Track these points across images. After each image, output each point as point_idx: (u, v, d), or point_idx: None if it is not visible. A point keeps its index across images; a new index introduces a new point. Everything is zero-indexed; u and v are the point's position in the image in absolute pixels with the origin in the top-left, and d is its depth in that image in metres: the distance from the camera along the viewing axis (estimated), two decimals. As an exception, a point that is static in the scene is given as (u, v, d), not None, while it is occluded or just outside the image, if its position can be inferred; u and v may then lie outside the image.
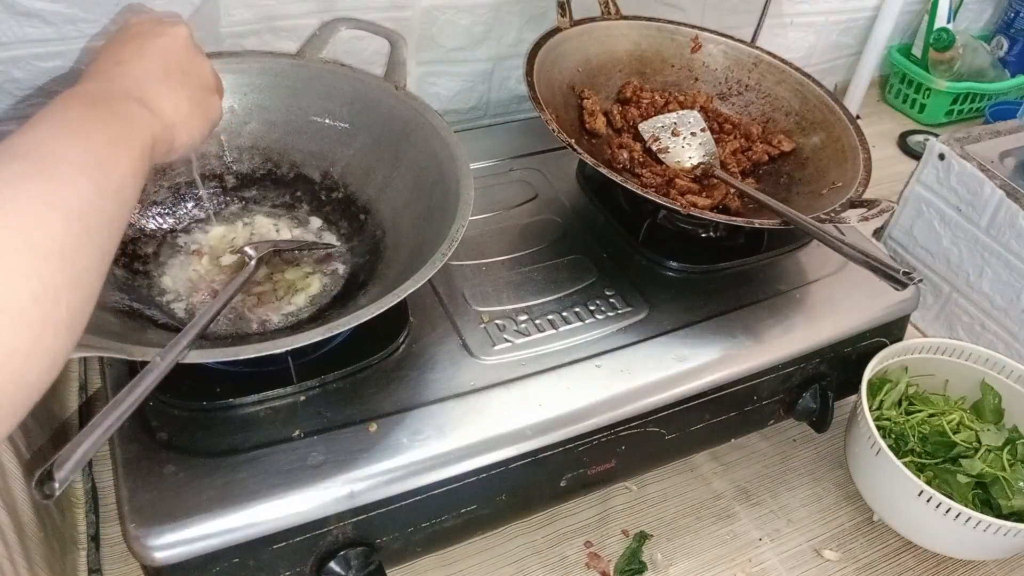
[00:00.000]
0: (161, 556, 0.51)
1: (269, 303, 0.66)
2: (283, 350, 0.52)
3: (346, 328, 0.53)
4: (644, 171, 0.82)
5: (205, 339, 0.58)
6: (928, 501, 0.67)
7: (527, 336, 0.68)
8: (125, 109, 0.46)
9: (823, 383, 0.76)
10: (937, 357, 0.80)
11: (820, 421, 0.77)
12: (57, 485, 0.41)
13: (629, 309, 0.72)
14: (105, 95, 0.46)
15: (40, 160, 0.37)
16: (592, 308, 0.72)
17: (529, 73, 0.78)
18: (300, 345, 0.52)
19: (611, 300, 0.73)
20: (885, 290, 0.68)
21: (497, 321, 0.69)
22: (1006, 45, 1.40)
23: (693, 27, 0.94)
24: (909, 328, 0.82)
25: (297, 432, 0.58)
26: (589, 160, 0.72)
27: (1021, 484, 0.71)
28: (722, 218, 0.72)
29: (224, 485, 0.54)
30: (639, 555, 0.72)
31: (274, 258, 0.68)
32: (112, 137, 0.42)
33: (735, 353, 0.70)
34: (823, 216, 0.71)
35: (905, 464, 0.69)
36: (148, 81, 0.49)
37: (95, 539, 0.68)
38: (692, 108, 0.90)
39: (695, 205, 0.74)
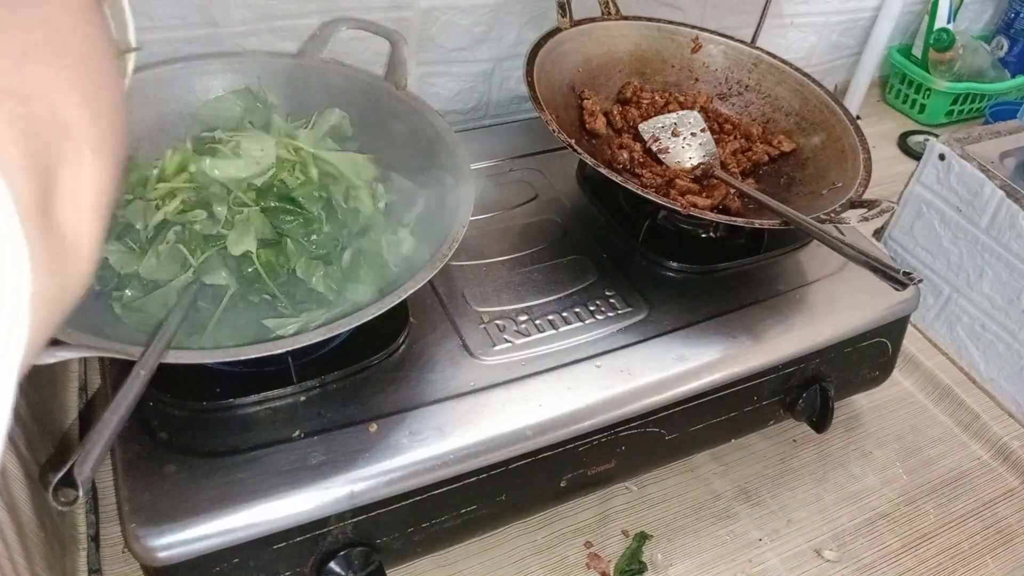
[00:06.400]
0: (161, 556, 0.51)
1: None
2: (283, 350, 0.52)
3: (346, 328, 0.53)
4: (644, 171, 0.82)
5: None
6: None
7: (527, 336, 0.68)
8: None
9: (823, 383, 0.76)
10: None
11: (820, 421, 0.77)
12: (80, 492, 0.41)
13: (629, 309, 0.72)
14: None
15: None
16: (592, 308, 0.72)
17: (529, 73, 0.78)
18: (300, 345, 0.52)
19: (611, 300, 0.73)
20: (885, 290, 0.68)
21: (497, 321, 0.69)
22: (1006, 45, 1.40)
23: (693, 27, 0.94)
24: (908, 328, 0.82)
25: (297, 432, 0.58)
26: (589, 160, 0.72)
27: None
28: (722, 218, 0.72)
29: (224, 485, 0.54)
30: (639, 555, 0.72)
31: None
32: None
33: (735, 353, 0.70)
34: (823, 216, 0.71)
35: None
36: None
37: (95, 539, 0.68)
38: (692, 108, 0.90)
39: (695, 205, 0.74)
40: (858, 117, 1.14)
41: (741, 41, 0.94)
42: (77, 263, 0.29)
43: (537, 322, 0.70)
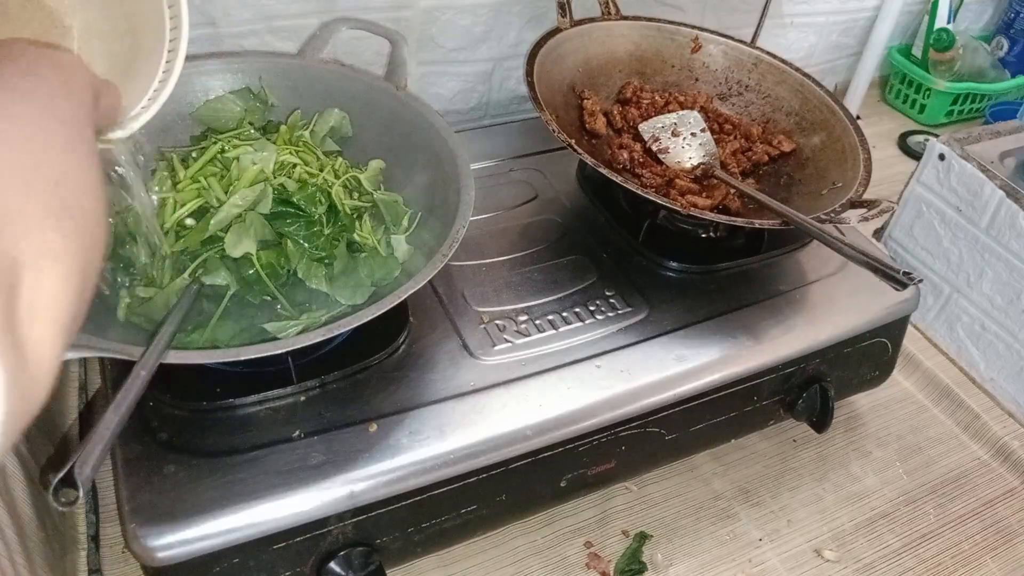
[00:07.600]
0: (162, 556, 0.51)
1: None
2: (283, 350, 0.52)
3: (346, 328, 0.53)
4: (644, 171, 0.82)
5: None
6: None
7: (527, 336, 0.68)
8: None
9: (823, 383, 0.76)
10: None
11: (820, 421, 0.77)
12: (80, 492, 0.40)
13: (629, 309, 0.72)
14: None
15: None
16: (592, 308, 0.72)
17: (529, 73, 0.78)
18: (300, 346, 0.52)
19: (611, 300, 0.73)
20: (885, 290, 0.68)
21: (497, 321, 0.69)
22: (1006, 45, 1.40)
23: (693, 27, 0.94)
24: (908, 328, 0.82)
25: (297, 432, 0.58)
26: (589, 160, 0.72)
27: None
28: (722, 218, 0.72)
29: (224, 485, 0.54)
30: (639, 555, 0.72)
31: None
32: None
33: (735, 353, 0.70)
34: (823, 216, 0.71)
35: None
36: None
37: (95, 539, 0.68)
38: (692, 108, 0.90)
39: (695, 205, 0.74)
40: (858, 117, 1.14)
41: (741, 41, 0.94)
42: (37, 379, 0.28)
43: (537, 322, 0.70)
